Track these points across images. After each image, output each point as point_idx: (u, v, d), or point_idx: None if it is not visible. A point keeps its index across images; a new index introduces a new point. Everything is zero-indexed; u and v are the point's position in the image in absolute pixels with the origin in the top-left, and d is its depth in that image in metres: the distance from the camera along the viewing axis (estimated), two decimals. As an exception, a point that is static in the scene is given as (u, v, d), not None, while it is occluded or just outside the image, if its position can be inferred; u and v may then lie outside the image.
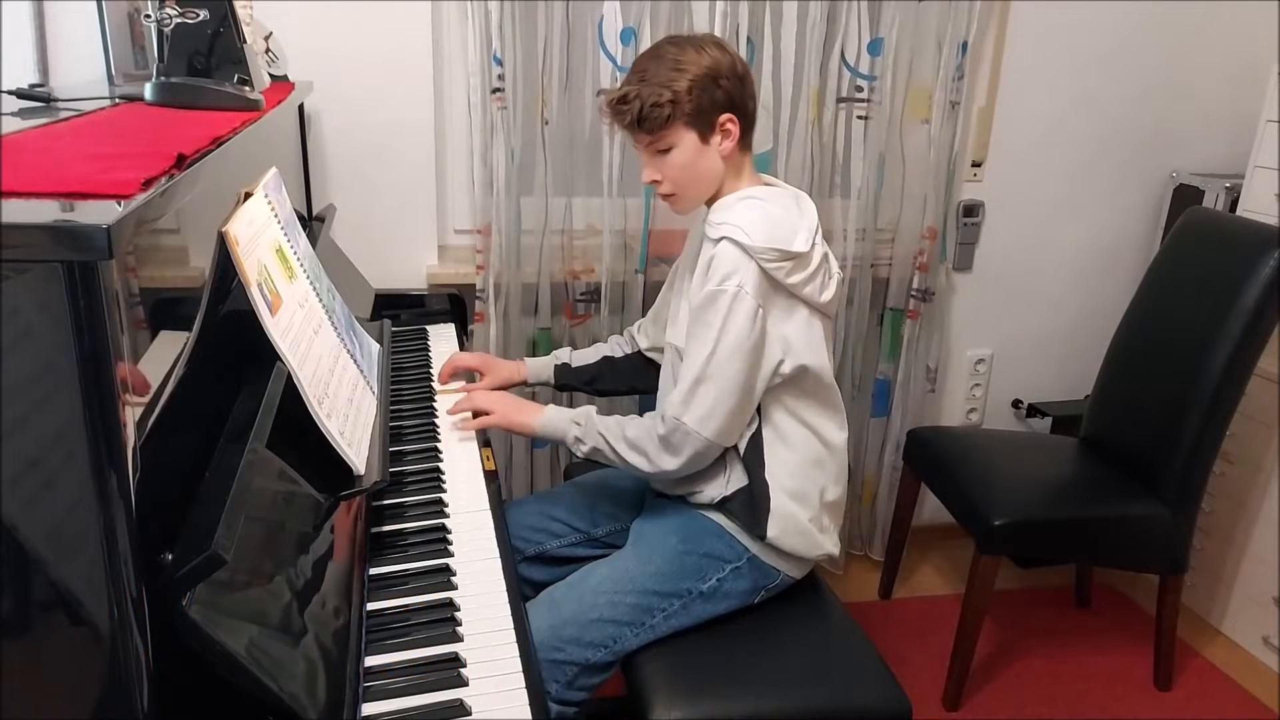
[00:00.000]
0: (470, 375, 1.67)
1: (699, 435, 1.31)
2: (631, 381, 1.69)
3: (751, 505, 1.38)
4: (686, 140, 1.33)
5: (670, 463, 1.34)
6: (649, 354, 1.66)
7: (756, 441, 1.38)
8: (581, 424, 1.41)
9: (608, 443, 1.38)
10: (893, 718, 1.31)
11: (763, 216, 1.31)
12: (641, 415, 1.41)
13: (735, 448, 1.39)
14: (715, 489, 1.40)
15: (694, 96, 1.30)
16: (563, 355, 1.69)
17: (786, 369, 1.34)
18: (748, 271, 1.28)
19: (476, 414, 1.49)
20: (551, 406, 1.47)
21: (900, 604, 2.39)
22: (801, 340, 1.35)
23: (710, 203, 1.41)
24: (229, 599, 0.76)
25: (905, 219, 2.24)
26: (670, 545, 1.40)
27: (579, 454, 1.42)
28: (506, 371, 1.67)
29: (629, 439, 1.37)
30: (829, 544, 1.44)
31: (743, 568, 1.40)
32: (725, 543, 1.40)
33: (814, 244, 1.34)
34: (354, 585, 1.02)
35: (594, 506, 1.59)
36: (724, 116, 1.33)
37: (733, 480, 1.40)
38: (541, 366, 1.69)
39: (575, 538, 1.57)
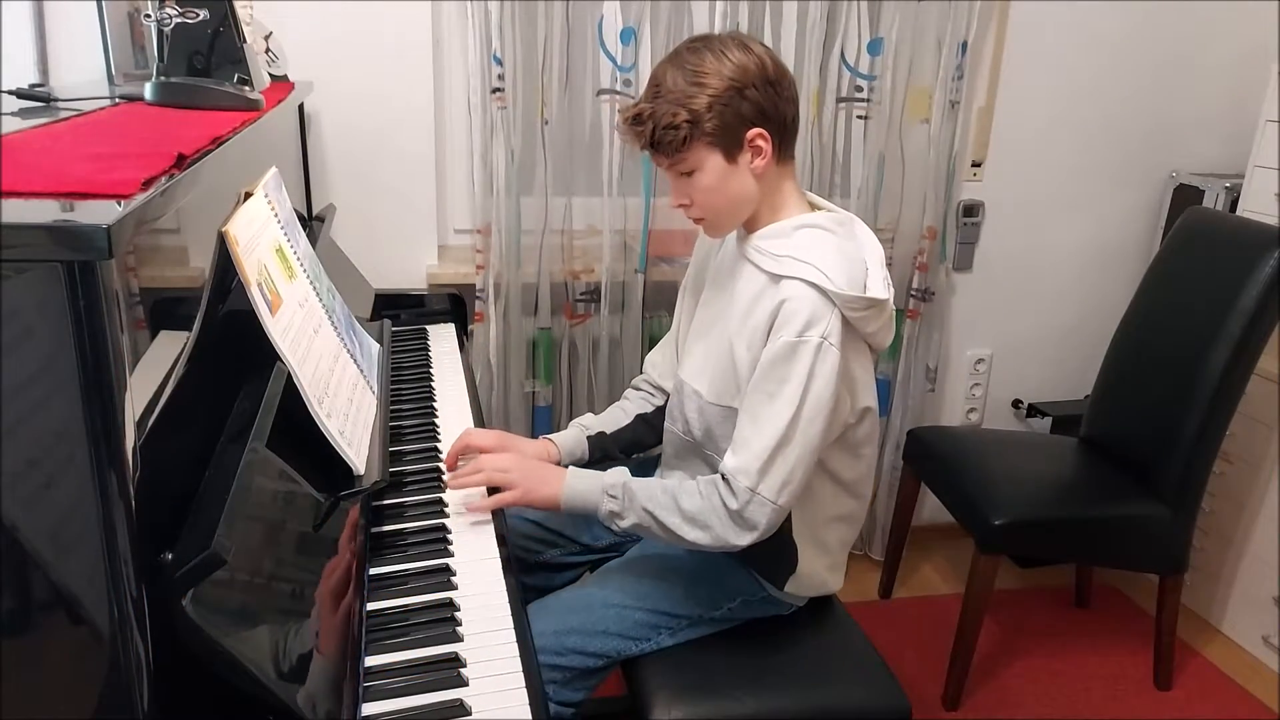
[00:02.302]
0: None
1: (775, 505, 1.17)
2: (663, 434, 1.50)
3: (774, 559, 1.32)
4: (710, 162, 1.19)
5: (743, 539, 1.19)
6: None
7: None
8: (618, 496, 1.24)
9: (656, 519, 1.22)
10: (892, 717, 1.31)
11: (837, 255, 1.18)
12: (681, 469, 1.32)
13: None
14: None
15: (715, 114, 1.15)
16: (590, 424, 1.50)
17: (853, 417, 1.25)
18: (832, 320, 1.15)
19: (491, 488, 1.28)
20: (572, 471, 1.28)
21: (900, 604, 2.39)
22: (863, 379, 1.26)
23: (749, 222, 1.27)
24: (229, 599, 0.76)
25: (905, 219, 2.24)
26: (688, 568, 1.38)
27: (615, 528, 1.26)
28: (533, 451, 1.43)
29: (687, 513, 1.21)
30: (837, 582, 1.42)
31: (756, 602, 1.38)
32: (742, 577, 1.38)
33: (889, 285, 1.22)
34: (354, 585, 1.02)
35: (594, 518, 1.56)
36: (753, 132, 1.18)
37: None
38: (574, 443, 1.46)
39: (575, 548, 1.54)
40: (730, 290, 1.27)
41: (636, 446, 1.51)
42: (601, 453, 1.49)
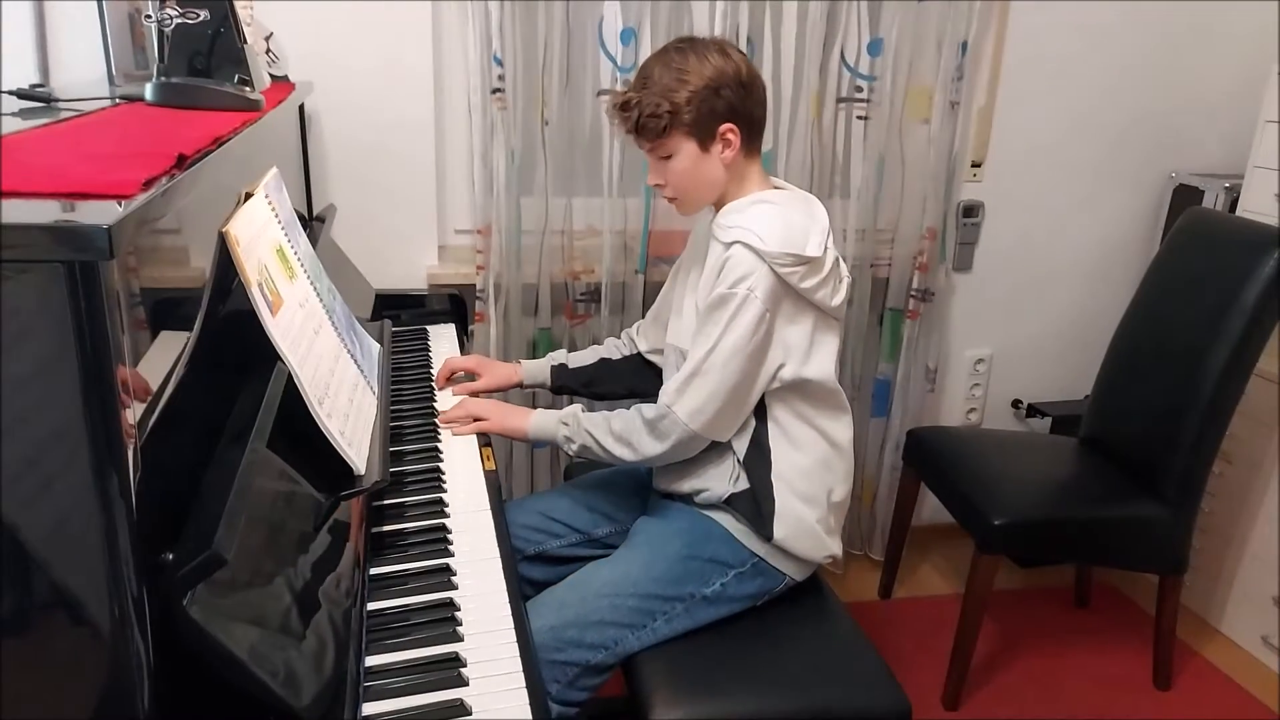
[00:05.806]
0: (468, 377, 1.66)
1: (686, 426, 1.33)
2: (630, 384, 1.68)
3: (756, 506, 1.39)
4: (686, 149, 1.35)
5: (654, 447, 1.36)
6: (649, 356, 1.66)
7: (760, 443, 1.39)
8: (569, 424, 1.43)
9: (594, 439, 1.40)
10: (892, 717, 1.32)
11: (777, 220, 1.32)
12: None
13: (735, 452, 1.40)
14: (722, 485, 1.41)
15: (693, 107, 1.31)
16: (559, 356, 1.69)
17: (786, 375, 1.35)
18: (760, 276, 1.29)
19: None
20: (540, 410, 1.50)
21: (900, 604, 2.39)
22: (805, 347, 1.36)
23: (718, 205, 1.41)
24: (230, 599, 0.76)
25: (905, 219, 2.24)
26: (674, 548, 1.40)
27: (570, 453, 1.45)
28: (503, 372, 1.67)
29: (615, 432, 1.39)
30: (834, 545, 1.44)
31: (747, 572, 1.40)
32: (730, 547, 1.40)
33: (826, 248, 1.34)
34: (354, 585, 1.02)
35: (593, 508, 1.59)
36: (724, 126, 1.34)
37: (740, 480, 1.40)
38: (538, 368, 1.69)
39: (575, 538, 1.57)
40: (701, 265, 1.41)
41: (594, 384, 1.69)
42: (561, 381, 1.68)
